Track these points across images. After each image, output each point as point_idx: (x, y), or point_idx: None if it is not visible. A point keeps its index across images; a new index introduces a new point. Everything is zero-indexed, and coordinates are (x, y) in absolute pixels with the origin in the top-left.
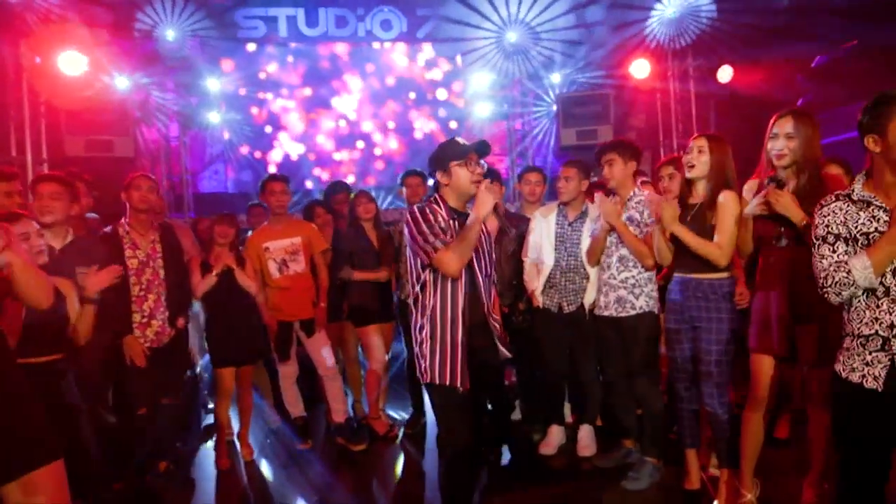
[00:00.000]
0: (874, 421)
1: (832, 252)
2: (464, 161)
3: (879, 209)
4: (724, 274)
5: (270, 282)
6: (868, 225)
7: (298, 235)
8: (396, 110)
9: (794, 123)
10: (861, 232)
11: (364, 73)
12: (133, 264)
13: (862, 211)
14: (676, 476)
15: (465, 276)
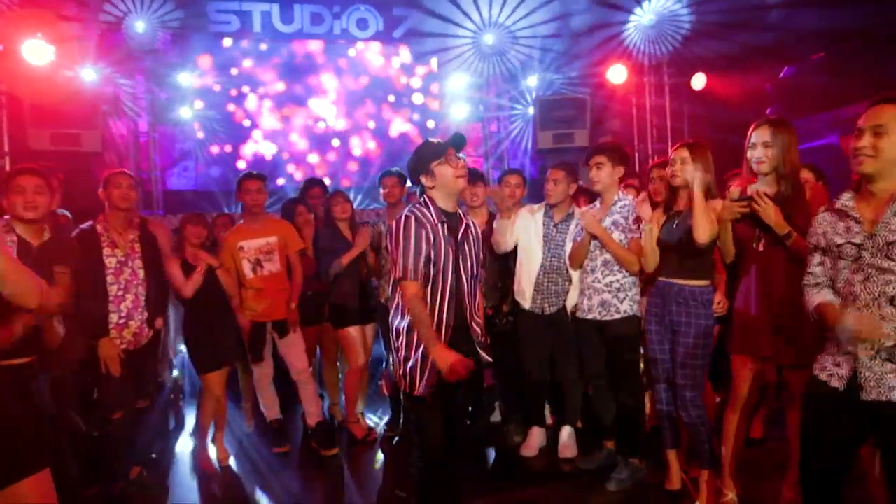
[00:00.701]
0: (835, 420)
1: (810, 261)
2: (443, 159)
3: (854, 221)
4: (705, 281)
5: (244, 282)
6: (842, 236)
7: (274, 235)
8: (371, 111)
9: (771, 132)
10: (835, 243)
11: (339, 73)
12: (111, 263)
13: (841, 221)
14: (657, 477)
15: (450, 280)
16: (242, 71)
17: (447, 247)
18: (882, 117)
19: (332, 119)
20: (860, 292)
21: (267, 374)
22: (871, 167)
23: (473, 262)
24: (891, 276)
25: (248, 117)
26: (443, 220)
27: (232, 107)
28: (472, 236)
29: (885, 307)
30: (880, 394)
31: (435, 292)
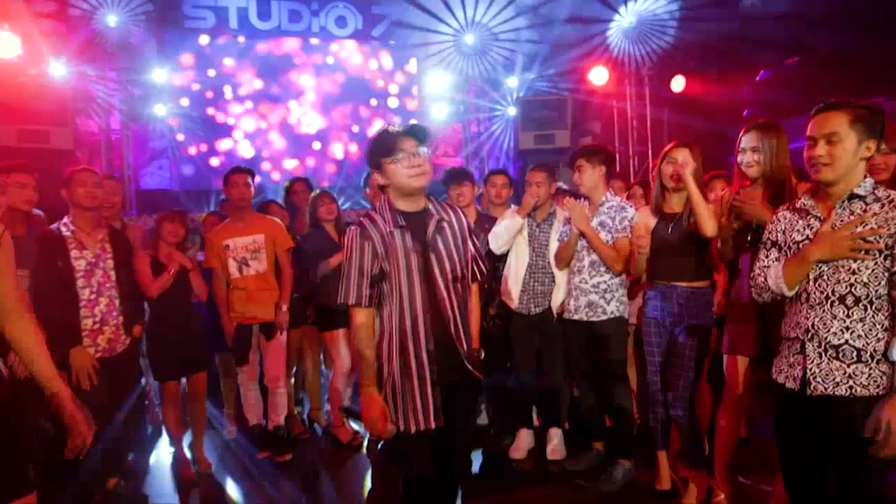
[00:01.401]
0: (796, 420)
1: (765, 257)
2: (394, 157)
3: (815, 219)
4: (704, 282)
5: (230, 282)
6: (801, 232)
7: (262, 232)
8: (350, 111)
9: (759, 137)
10: (794, 240)
11: (318, 72)
12: (81, 266)
13: (801, 219)
14: (646, 477)
15: (419, 293)
16: (218, 68)
17: (407, 256)
18: (832, 125)
19: (310, 119)
20: (812, 290)
21: (252, 378)
22: (830, 175)
23: (454, 262)
24: (842, 275)
25: (225, 116)
26: (400, 226)
27: (209, 108)
28: (449, 232)
29: (836, 306)
30: (825, 388)
31: (399, 310)
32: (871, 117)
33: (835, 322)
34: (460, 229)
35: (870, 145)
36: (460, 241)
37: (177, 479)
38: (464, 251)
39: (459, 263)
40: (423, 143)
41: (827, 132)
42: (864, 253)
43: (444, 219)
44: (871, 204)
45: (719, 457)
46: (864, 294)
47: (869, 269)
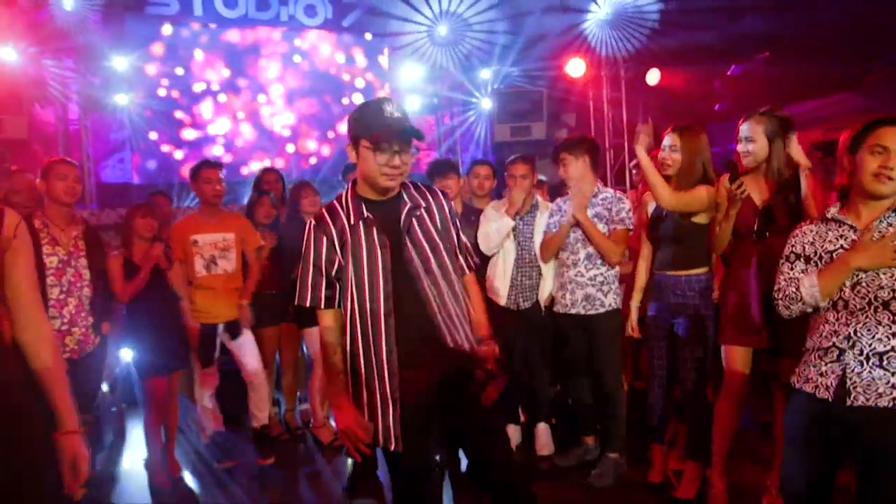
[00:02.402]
0: (822, 430)
1: (790, 269)
2: (377, 146)
3: (850, 229)
4: (702, 269)
5: (193, 279)
6: (834, 243)
7: (232, 231)
8: (320, 103)
9: (752, 126)
10: (826, 250)
11: (288, 65)
12: (52, 263)
13: (832, 231)
14: (637, 470)
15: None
16: (183, 58)
17: (371, 253)
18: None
19: (279, 113)
20: (850, 297)
21: (212, 383)
22: (891, 188)
23: (438, 253)
24: (883, 280)
25: (190, 107)
26: (364, 218)
27: (173, 98)
28: (427, 219)
29: (880, 312)
30: (867, 399)
31: (366, 313)
32: None
33: (880, 328)
34: (441, 216)
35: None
36: (441, 230)
37: (150, 486)
38: (447, 238)
39: (445, 253)
40: (411, 145)
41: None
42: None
43: (419, 205)
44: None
45: (717, 449)
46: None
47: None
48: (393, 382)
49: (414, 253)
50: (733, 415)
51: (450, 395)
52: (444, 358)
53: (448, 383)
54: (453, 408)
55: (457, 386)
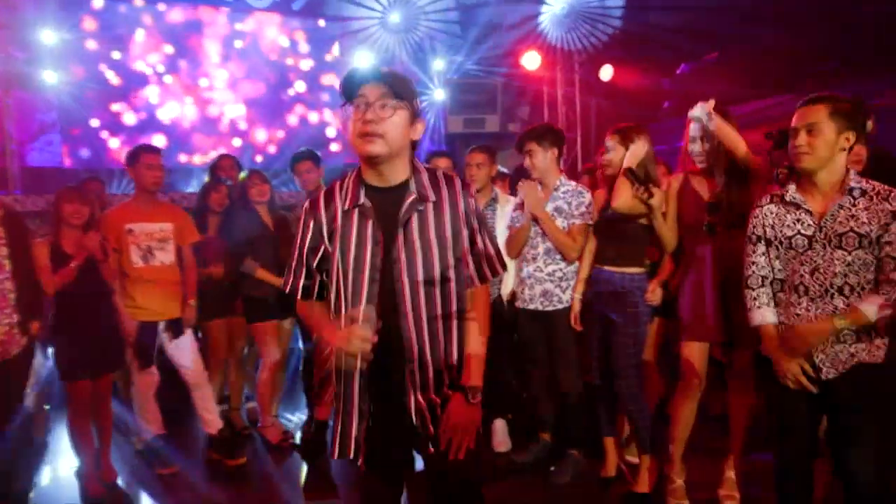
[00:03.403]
0: (795, 399)
1: (753, 252)
2: (346, 100)
3: (806, 213)
4: (639, 269)
5: (130, 272)
6: (792, 228)
7: (170, 221)
8: (269, 92)
9: (700, 126)
10: (785, 235)
11: (231, 46)
12: None
13: (790, 214)
14: (595, 466)
15: (366, 292)
16: (121, 36)
17: (360, 246)
18: (813, 116)
19: (223, 97)
20: (810, 284)
21: (152, 383)
22: (810, 163)
23: (431, 259)
24: (840, 268)
25: (126, 89)
26: (357, 203)
27: (109, 74)
28: (432, 217)
29: (836, 298)
30: (836, 370)
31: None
32: (851, 110)
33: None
34: (453, 213)
35: (849, 136)
36: (449, 230)
37: (82, 495)
38: (454, 243)
39: (442, 260)
40: (395, 94)
41: (807, 123)
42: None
43: (426, 198)
44: (858, 198)
45: (676, 444)
46: (856, 282)
47: (862, 259)
48: (363, 395)
49: (403, 254)
50: (691, 409)
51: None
52: (400, 394)
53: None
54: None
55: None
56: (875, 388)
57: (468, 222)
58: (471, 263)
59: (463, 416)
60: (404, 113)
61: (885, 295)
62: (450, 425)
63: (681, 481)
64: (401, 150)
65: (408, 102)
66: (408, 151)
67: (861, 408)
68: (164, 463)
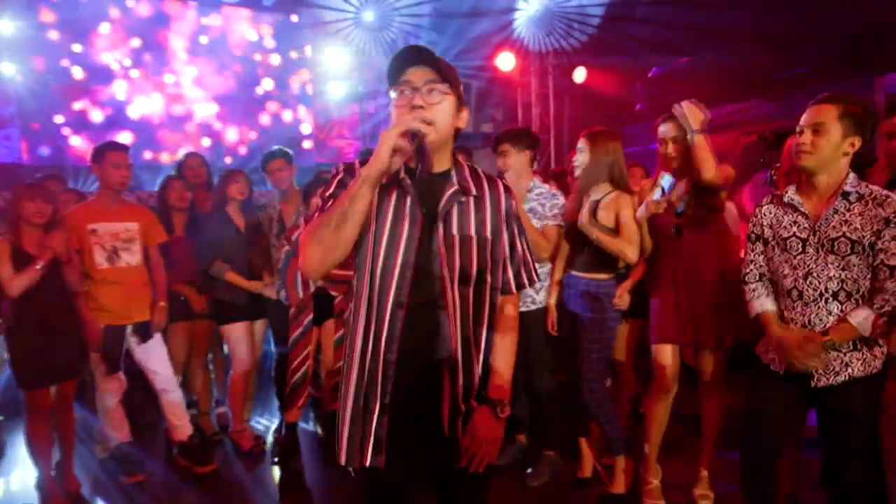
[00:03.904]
0: (775, 399)
1: (752, 250)
2: (392, 84)
3: (802, 216)
4: (608, 275)
5: (94, 273)
6: (788, 230)
7: (136, 221)
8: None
9: (675, 126)
10: (781, 237)
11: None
12: None
13: (787, 215)
14: (568, 467)
15: (398, 273)
16: (84, 28)
17: (398, 221)
18: (821, 116)
19: (192, 92)
20: (804, 288)
21: (118, 389)
22: (811, 162)
23: (469, 256)
24: (833, 272)
25: (90, 83)
26: (398, 179)
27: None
28: (473, 213)
29: (830, 302)
30: (828, 379)
31: (375, 294)
32: (861, 115)
33: (830, 318)
34: (494, 212)
35: (854, 141)
36: (489, 228)
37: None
38: (494, 243)
39: (480, 259)
40: (443, 79)
41: (814, 122)
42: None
43: (468, 191)
44: (853, 203)
45: (650, 445)
46: (854, 289)
47: (856, 265)
48: (387, 385)
49: (443, 247)
50: (664, 410)
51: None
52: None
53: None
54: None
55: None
56: (868, 398)
57: (509, 224)
58: (510, 268)
59: (491, 430)
60: (452, 99)
61: (877, 306)
62: (476, 439)
63: (656, 482)
64: (448, 137)
65: (454, 88)
66: (452, 141)
67: (852, 417)
68: (131, 471)
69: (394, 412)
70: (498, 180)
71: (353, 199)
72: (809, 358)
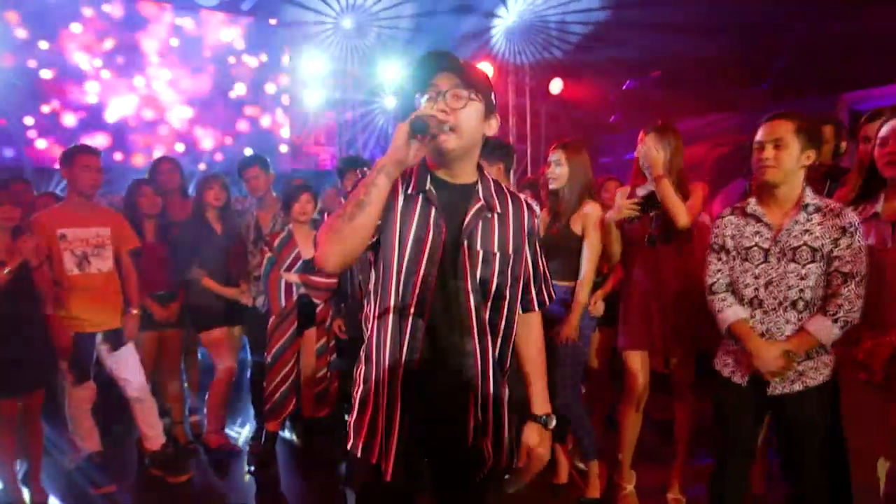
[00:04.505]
0: (737, 411)
1: (716, 260)
2: (422, 94)
3: (765, 226)
4: (571, 282)
5: (64, 280)
6: (750, 239)
7: (107, 226)
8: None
9: (656, 137)
10: (743, 246)
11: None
12: None
13: (749, 226)
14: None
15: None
16: (52, 28)
17: (422, 230)
18: (779, 131)
19: (166, 95)
20: (765, 297)
21: (88, 398)
22: (777, 176)
23: (490, 271)
24: (793, 281)
25: (58, 83)
26: (424, 189)
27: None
28: (498, 228)
29: (789, 311)
30: (783, 388)
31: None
32: (814, 129)
33: (788, 326)
34: (516, 228)
35: (810, 154)
36: (511, 245)
37: None
38: (515, 260)
39: (500, 275)
40: (468, 84)
41: (774, 137)
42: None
43: (493, 208)
44: (812, 214)
45: (625, 451)
46: (811, 297)
47: (815, 274)
48: (407, 394)
49: (468, 262)
50: (637, 416)
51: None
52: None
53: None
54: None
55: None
56: (822, 406)
57: (531, 242)
58: (532, 286)
59: (541, 443)
60: (479, 105)
61: (831, 312)
62: (533, 454)
63: (631, 487)
64: (474, 145)
65: (482, 94)
66: (478, 150)
67: (807, 425)
68: (101, 482)
69: (414, 419)
70: (520, 197)
71: (369, 188)
72: (782, 371)
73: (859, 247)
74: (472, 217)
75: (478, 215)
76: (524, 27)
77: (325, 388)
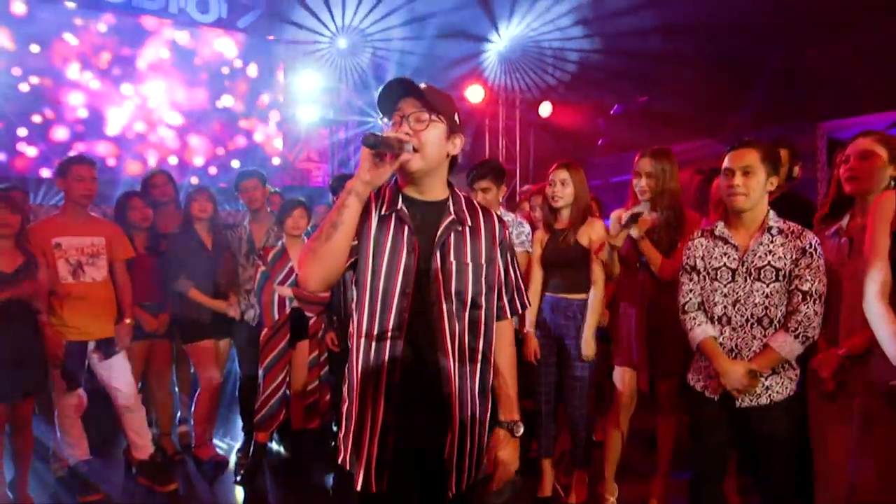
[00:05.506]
0: (711, 424)
1: (688, 280)
2: (381, 112)
3: (732, 247)
4: (586, 294)
5: (59, 288)
6: (719, 260)
7: (102, 235)
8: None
9: (652, 162)
10: (713, 266)
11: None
12: None
13: (717, 247)
14: (528, 486)
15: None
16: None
17: (395, 252)
18: (747, 159)
19: (161, 107)
20: (733, 315)
21: (79, 406)
22: (746, 203)
23: (465, 283)
24: (759, 299)
25: (52, 95)
26: (396, 209)
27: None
28: (470, 241)
29: (755, 328)
30: (751, 401)
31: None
32: (777, 157)
33: (755, 342)
34: (488, 240)
35: (773, 180)
36: (484, 256)
37: None
38: (488, 270)
39: (475, 285)
40: (430, 107)
41: (743, 165)
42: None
43: (464, 221)
44: (776, 236)
45: (608, 463)
46: (776, 315)
47: (779, 292)
48: (389, 409)
49: (443, 273)
50: (622, 431)
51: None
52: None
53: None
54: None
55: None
56: (790, 419)
57: (503, 253)
58: (504, 295)
59: (510, 450)
60: (441, 126)
61: (792, 328)
62: (499, 460)
63: (613, 499)
64: (438, 164)
65: (445, 116)
66: (445, 168)
67: (774, 438)
68: (88, 490)
69: (396, 436)
70: (491, 211)
71: (341, 209)
72: (748, 388)
73: (818, 266)
74: (444, 230)
75: (449, 228)
76: (515, 52)
77: (315, 401)
